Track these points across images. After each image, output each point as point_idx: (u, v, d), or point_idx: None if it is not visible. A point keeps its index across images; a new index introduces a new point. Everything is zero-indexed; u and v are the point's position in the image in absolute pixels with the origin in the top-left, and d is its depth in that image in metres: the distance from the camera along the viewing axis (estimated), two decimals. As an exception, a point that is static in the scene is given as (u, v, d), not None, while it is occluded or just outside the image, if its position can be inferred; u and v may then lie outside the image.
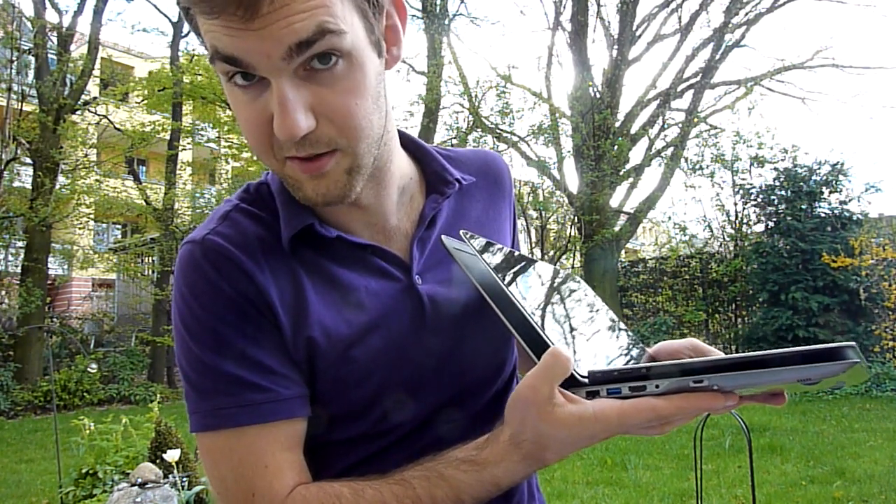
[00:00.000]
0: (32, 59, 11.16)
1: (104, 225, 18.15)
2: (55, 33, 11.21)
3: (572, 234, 12.56)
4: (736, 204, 10.77)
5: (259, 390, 0.65)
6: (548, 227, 13.55)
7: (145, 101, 12.89)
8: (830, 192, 8.98)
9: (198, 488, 3.32)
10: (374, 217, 0.74)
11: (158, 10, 21.92)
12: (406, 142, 0.81)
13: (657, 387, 0.55)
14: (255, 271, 0.67)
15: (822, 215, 8.79)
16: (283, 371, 0.66)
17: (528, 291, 0.69)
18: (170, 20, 12.44)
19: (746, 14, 12.14)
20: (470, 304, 0.76)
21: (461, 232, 0.70)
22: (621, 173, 11.67)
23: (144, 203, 12.50)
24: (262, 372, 0.65)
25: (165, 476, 3.34)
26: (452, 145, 13.22)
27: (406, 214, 0.77)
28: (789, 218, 8.80)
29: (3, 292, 11.67)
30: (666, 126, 12.25)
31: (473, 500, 0.61)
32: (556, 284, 0.79)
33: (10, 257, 11.99)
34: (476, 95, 12.88)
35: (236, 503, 0.65)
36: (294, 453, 0.67)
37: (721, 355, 0.59)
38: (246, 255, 0.67)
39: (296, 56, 0.56)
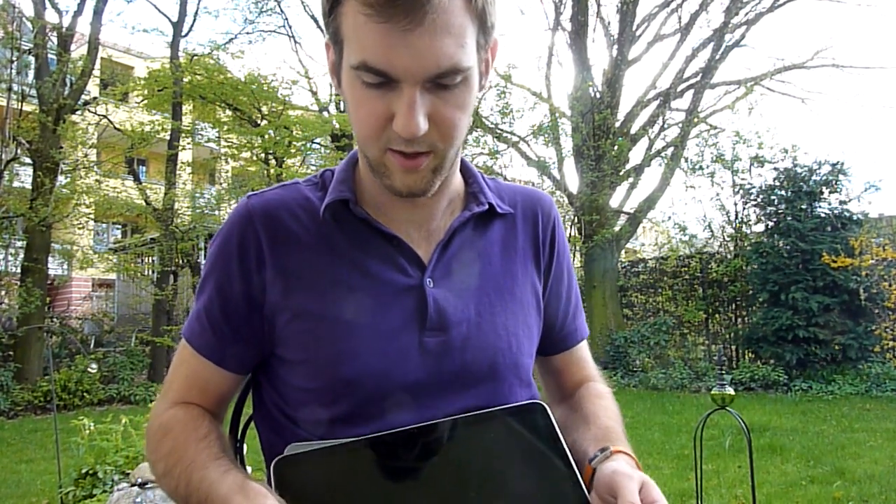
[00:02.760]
0: (32, 59, 11.13)
1: (104, 225, 18.15)
2: (55, 33, 11.20)
3: (572, 234, 12.56)
4: (736, 204, 10.77)
5: (214, 334, 0.81)
6: (548, 227, 13.52)
7: (145, 102, 12.88)
8: (830, 192, 8.97)
9: None
10: (422, 216, 0.83)
11: (158, 10, 21.90)
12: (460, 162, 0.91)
13: None
14: (267, 243, 0.79)
15: (822, 215, 8.78)
16: (236, 334, 0.81)
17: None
18: (169, 20, 12.43)
19: (746, 14, 12.14)
20: (473, 318, 0.81)
21: None
22: (621, 173, 11.67)
23: (144, 203, 12.49)
24: (222, 324, 0.81)
25: (165, 476, 3.34)
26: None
27: (445, 222, 0.85)
28: (789, 218, 8.80)
29: (3, 292, 11.66)
30: (666, 126, 12.24)
31: None
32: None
33: (10, 257, 11.98)
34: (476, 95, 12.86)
35: (162, 388, 0.86)
36: (203, 391, 0.83)
37: None
38: (269, 226, 0.79)
39: (431, 78, 0.67)
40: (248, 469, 1.08)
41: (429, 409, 0.77)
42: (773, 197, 9.30)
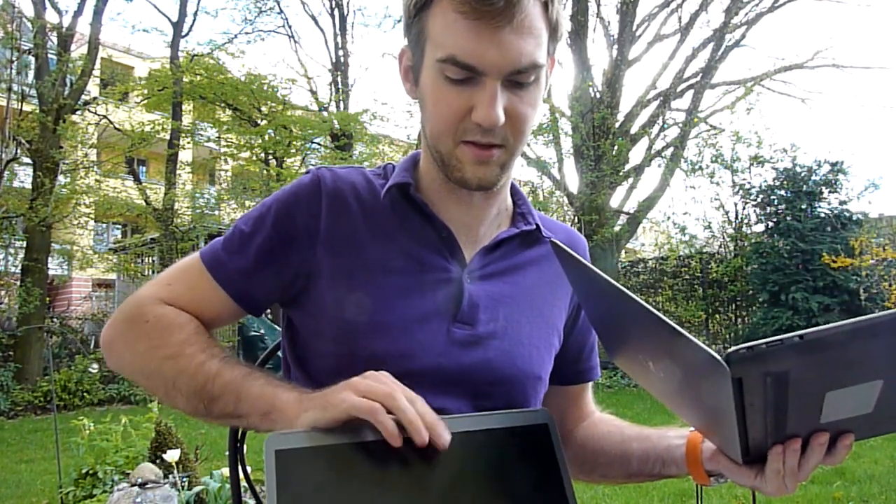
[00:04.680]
0: (32, 59, 11.14)
1: (104, 225, 18.14)
2: (55, 33, 11.20)
3: (572, 234, 12.54)
4: (736, 204, 10.78)
5: (231, 258, 0.84)
6: (548, 227, 13.53)
7: (145, 102, 12.89)
8: (830, 192, 8.97)
9: (198, 488, 3.31)
10: (471, 220, 0.87)
11: (158, 10, 21.91)
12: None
13: None
14: (326, 210, 0.83)
15: (822, 215, 8.78)
16: (255, 282, 0.84)
17: None
18: (169, 20, 12.44)
19: (746, 14, 12.15)
20: (501, 322, 0.84)
21: (549, 237, 0.80)
22: (621, 173, 11.67)
23: (144, 203, 12.49)
24: (249, 271, 0.83)
25: (165, 476, 3.34)
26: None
27: (491, 233, 0.88)
28: (789, 218, 8.80)
29: (3, 292, 11.66)
30: (666, 126, 12.24)
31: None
32: None
33: (10, 257, 11.97)
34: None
35: (157, 278, 0.88)
36: (198, 305, 0.84)
37: None
38: (333, 196, 0.83)
39: (513, 73, 0.73)
40: (249, 469, 1.08)
41: (444, 397, 0.78)
42: (772, 197, 9.30)
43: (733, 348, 0.53)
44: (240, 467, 1.03)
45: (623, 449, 0.90)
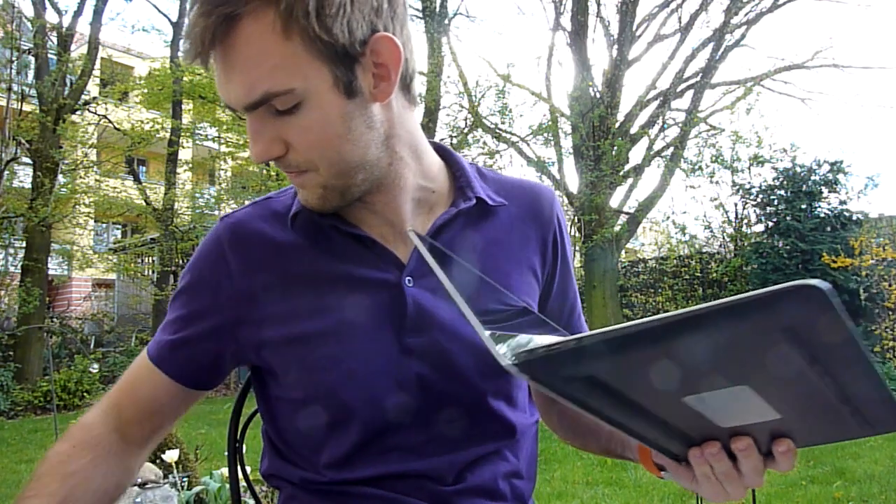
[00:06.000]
0: (32, 59, 11.14)
1: (104, 225, 18.14)
2: (55, 33, 11.20)
3: (572, 234, 12.57)
4: (736, 204, 10.77)
5: (170, 341, 0.82)
6: (548, 227, 13.53)
7: (143, 101, 12.88)
8: (830, 192, 8.97)
9: (198, 488, 3.31)
10: (390, 222, 0.80)
11: (158, 10, 21.92)
12: (445, 155, 0.87)
13: None
14: (236, 265, 0.79)
15: (822, 215, 8.78)
16: (181, 354, 0.82)
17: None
18: (169, 20, 12.44)
19: (746, 14, 12.14)
20: (458, 318, 0.76)
21: (409, 230, 0.77)
22: (621, 173, 11.67)
23: (144, 203, 12.50)
24: (175, 344, 0.82)
25: (165, 476, 3.34)
26: (452, 145, 13.23)
27: (422, 223, 0.81)
28: (789, 218, 8.80)
29: (3, 292, 11.66)
30: (666, 126, 12.24)
31: None
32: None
33: (10, 257, 11.97)
34: (475, 95, 12.88)
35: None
36: (134, 394, 0.83)
37: None
38: (238, 247, 0.80)
39: (253, 108, 0.68)
40: (248, 469, 1.08)
41: (399, 400, 0.76)
42: (772, 197, 9.30)
43: (520, 350, 0.47)
44: (239, 467, 1.03)
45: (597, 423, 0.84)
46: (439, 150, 0.87)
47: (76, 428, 0.82)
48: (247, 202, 0.88)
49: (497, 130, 12.75)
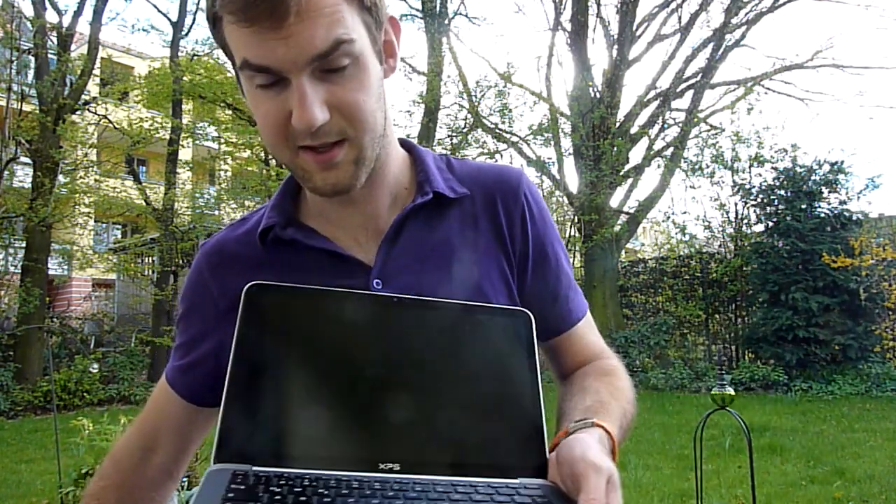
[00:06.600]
0: (32, 59, 11.14)
1: (104, 225, 18.15)
2: (55, 33, 11.20)
3: (572, 234, 12.56)
4: (736, 204, 10.78)
5: (176, 369, 0.88)
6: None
7: (143, 100, 12.88)
8: (830, 192, 8.98)
9: (198, 488, 3.31)
10: (366, 217, 0.81)
11: (158, 10, 21.92)
12: (409, 148, 0.88)
13: None
14: (216, 287, 0.83)
15: (822, 215, 8.79)
16: (191, 376, 0.86)
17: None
18: (169, 20, 12.43)
19: (746, 14, 12.15)
20: None
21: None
22: (621, 173, 11.67)
23: (144, 203, 12.49)
24: (183, 367, 0.87)
25: (165, 476, 3.33)
26: (452, 145, 13.24)
27: (391, 217, 0.81)
28: (789, 218, 8.80)
29: (3, 292, 11.66)
30: (666, 126, 12.25)
31: None
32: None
33: (10, 257, 11.98)
34: (475, 95, 12.89)
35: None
36: (159, 417, 0.88)
37: None
38: (216, 269, 0.84)
39: (316, 62, 0.65)
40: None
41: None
42: (772, 197, 9.31)
43: None
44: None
45: (563, 407, 0.81)
46: (403, 143, 0.88)
47: (108, 463, 0.88)
48: (227, 222, 0.87)
49: (497, 130, 12.76)
